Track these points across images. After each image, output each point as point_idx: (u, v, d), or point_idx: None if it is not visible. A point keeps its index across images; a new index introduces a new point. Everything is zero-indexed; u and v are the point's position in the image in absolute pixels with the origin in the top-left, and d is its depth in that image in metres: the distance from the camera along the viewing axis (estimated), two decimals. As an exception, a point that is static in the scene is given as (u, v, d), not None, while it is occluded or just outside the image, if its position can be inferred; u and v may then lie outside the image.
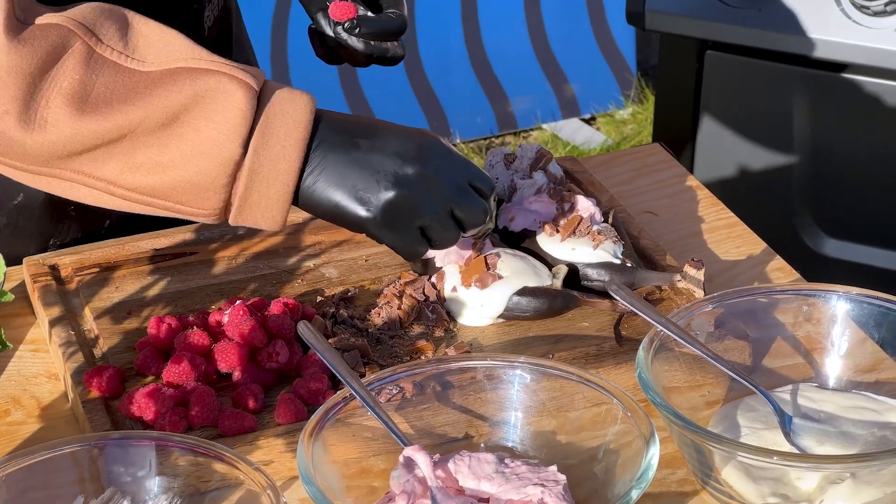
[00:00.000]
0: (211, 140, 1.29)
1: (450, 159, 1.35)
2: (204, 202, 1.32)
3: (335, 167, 1.33)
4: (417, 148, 1.34)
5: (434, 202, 1.34)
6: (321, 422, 1.27)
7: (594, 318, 1.51)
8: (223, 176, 1.30)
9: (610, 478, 1.27)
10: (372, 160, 1.33)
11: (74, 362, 1.44)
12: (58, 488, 1.26)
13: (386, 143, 1.34)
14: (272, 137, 1.30)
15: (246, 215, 1.34)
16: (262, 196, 1.32)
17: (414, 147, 1.34)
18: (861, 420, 1.34)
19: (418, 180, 1.33)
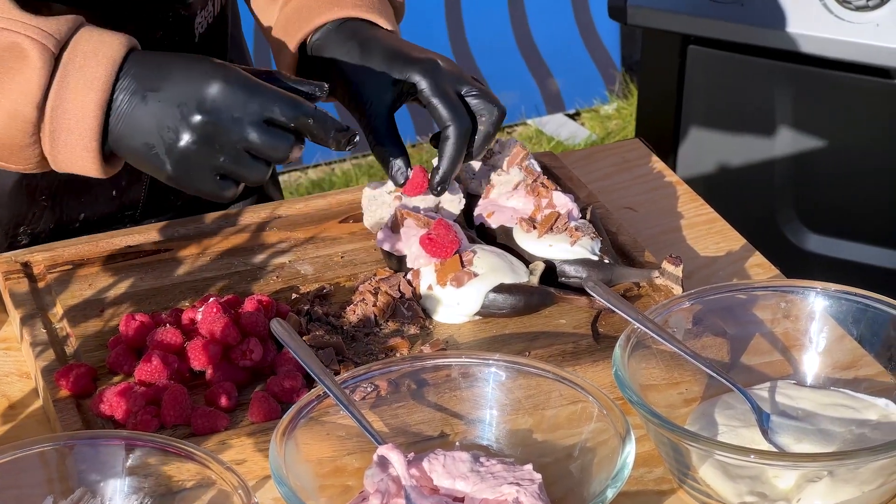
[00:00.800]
0: (10, 102, 1.32)
1: (235, 101, 1.35)
2: (18, 159, 1.37)
3: (130, 120, 1.36)
4: (198, 95, 1.34)
5: (223, 148, 1.35)
6: (294, 421, 1.26)
7: (571, 315, 1.50)
8: (25, 136, 1.34)
9: (586, 476, 1.26)
10: (158, 113, 1.35)
11: (45, 360, 1.43)
12: (27, 488, 1.24)
13: (171, 93, 1.35)
14: (69, 97, 1.33)
15: (63, 167, 1.38)
16: (70, 153, 1.36)
17: (195, 94, 1.34)
18: (839, 417, 1.33)
19: (201, 130, 1.35)
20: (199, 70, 1.36)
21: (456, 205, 1.58)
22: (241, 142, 1.35)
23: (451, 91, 1.51)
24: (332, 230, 1.64)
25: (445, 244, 1.48)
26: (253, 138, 1.35)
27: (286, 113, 1.36)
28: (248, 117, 1.35)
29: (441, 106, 1.50)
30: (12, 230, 1.66)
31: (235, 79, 1.36)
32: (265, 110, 1.36)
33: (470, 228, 1.59)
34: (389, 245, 1.55)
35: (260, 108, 1.35)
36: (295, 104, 1.37)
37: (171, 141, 1.35)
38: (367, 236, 1.63)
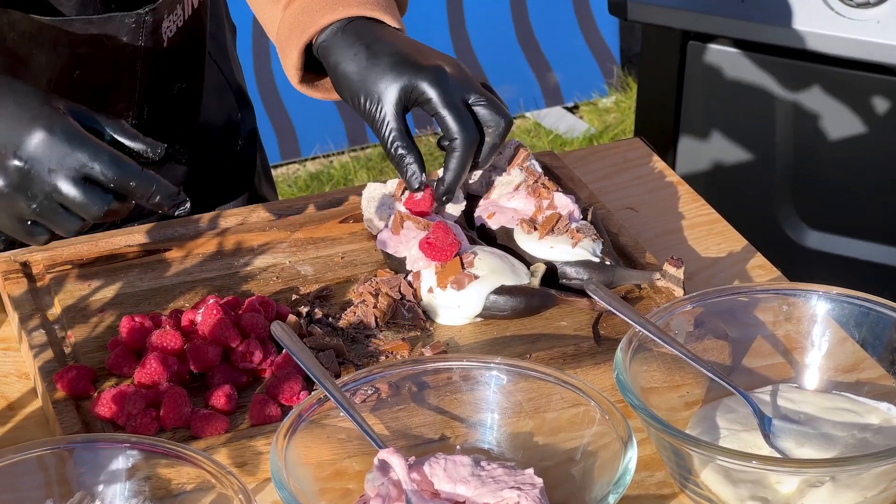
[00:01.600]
0: None
1: (57, 148, 1.33)
2: None
3: None
4: (17, 140, 1.33)
5: (34, 198, 1.33)
6: (294, 424, 1.25)
7: (572, 318, 1.49)
8: None
9: (588, 480, 1.26)
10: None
11: (44, 361, 1.42)
12: (26, 492, 1.24)
13: None
14: None
15: None
16: None
17: (15, 138, 1.33)
18: (841, 422, 1.32)
19: (14, 175, 1.33)
20: (28, 114, 1.33)
21: (457, 206, 1.58)
22: (54, 194, 1.33)
23: (458, 101, 1.50)
24: (332, 230, 1.64)
25: (445, 247, 1.48)
26: (66, 193, 1.33)
27: (105, 172, 1.33)
28: (64, 171, 1.33)
29: (449, 118, 1.49)
30: None
31: (61, 129, 1.33)
32: (83, 166, 1.33)
33: (471, 229, 1.58)
34: (389, 247, 1.54)
35: (78, 164, 1.33)
36: (116, 164, 1.34)
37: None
38: (367, 237, 1.62)
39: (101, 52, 1.56)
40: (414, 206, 1.54)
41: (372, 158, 4.01)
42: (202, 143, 1.77)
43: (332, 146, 4.01)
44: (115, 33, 1.55)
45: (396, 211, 1.55)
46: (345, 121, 3.99)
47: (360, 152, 4.06)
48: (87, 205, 1.34)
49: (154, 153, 1.39)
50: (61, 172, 1.33)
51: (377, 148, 4.06)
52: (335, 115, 4.00)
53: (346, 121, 4.00)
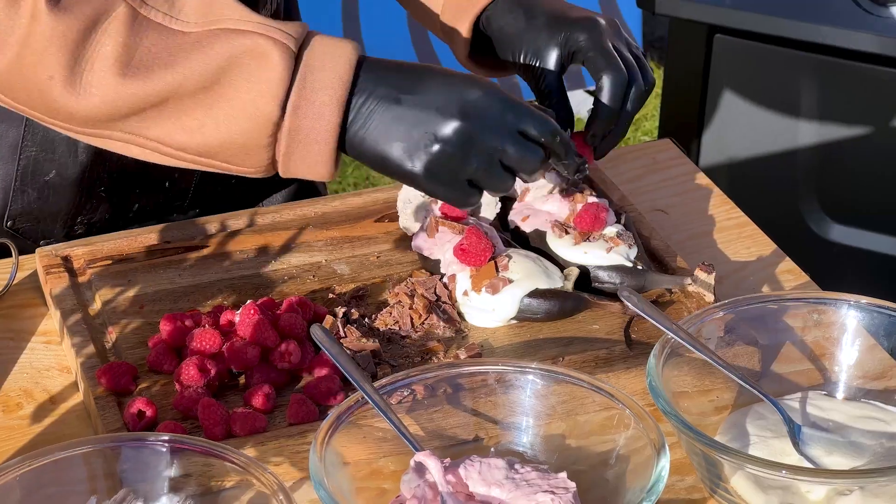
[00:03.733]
0: (250, 102, 1.31)
1: (494, 109, 1.35)
2: (250, 161, 1.35)
3: (379, 123, 1.34)
4: (459, 101, 1.34)
5: (478, 155, 1.35)
6: (333, 426, 1.27)
7: (604, 321, 1.51)
8: (264, 136, 1.33)
9: (620, 485, 1.28)
10: (414, 116, 1.34)
11: (86, 357, 1.45)
12: (71, 487, 1.26)
13: (428, 98, 1.34)
14: (309, 96, 1.32)
15: (293, 170, 1.36)
16: (304, 154, 1.34)
17: (455, 101, 1.34)
18: (870, 430, 1.34)
19: (460, 135, 1.34)
20: (457, 77, 1.36)
21: (491, 209, 1.60)
22: (497, 151, 1.35)
23: (608, 45, 1.51)
24: (367, 229, 1.66)
25: (478, 253, 1.50)
26: (509, 148, 1.35)
27: (538, 128, 1.37)
28: (505, 127, 1.35)
29: (598, 57, 1.50)
30: (70, 220, 1.69)
31: (492, 88, 1.36)
32: (521, 122, 1.36)
33: (504, 232, 1.60)
34: (424, 249, 1.56)
35: (516, 120, 1.36)
36: (547, 121, 1.38)
37: (427, 144, 1.34)
38: (403, 236, 1.64)
39: None
40: (449, 211, 1.57)
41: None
42: None
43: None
44: None
45: (432, 216, 1.57)
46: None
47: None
48: (526, 159, 1.36)
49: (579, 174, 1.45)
50: (502, 129, 1.35)
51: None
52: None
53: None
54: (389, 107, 1.34)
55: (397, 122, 1.34)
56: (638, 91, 1.52)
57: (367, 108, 1.35)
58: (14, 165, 1.63)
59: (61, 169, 1.63)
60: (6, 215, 1.67)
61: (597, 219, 1.54)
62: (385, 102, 1.34)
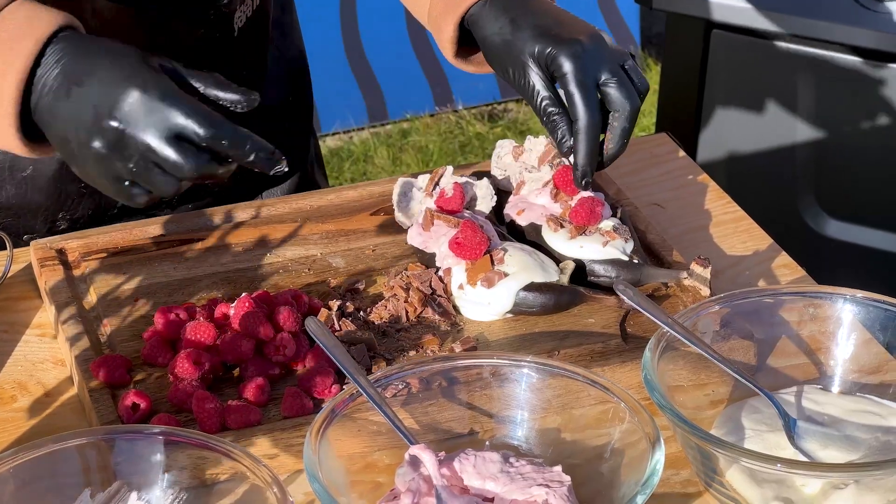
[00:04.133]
0: None
1: (150, 108, 1.30)
2: None
3: (52, 111, 1.33)
4: (113, 100, 1.30)
5: (131, 157, 1.31)
6: (328, 419, 1.27)
7: (600, 315, 1.51)
8: None
9: (615, 478, 1.28)
10: (75, 110, 1.32)
11: (80, 350, 1.45)
12: (65, 479, 1.26)
13: (91, 92, 1.31)
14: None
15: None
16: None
17: (111, 98, 1.31)
18: (865, 424, 1.34)
19: (110, 135, 1.31)
20: (122, 72, 1.32)
21: (487, 202, 1.60)
22: (149, 153, 1.31)
23: (589, 81, 1.49)
24: (363, 223, 1.66)
25: (473, 246, 1.50)
26: (159, 152, 1.30)
27: (197, 131, 1.30)
28: (157, 130, 1.30)
29: (576, 97, 1.49)
30: (52, 216, 1.68)
31: (154, 88, 1.31)
32: (176, 125, 1.30)
33: (500, 225, 1.60)
34: (420, 242, 1.56)
35: (171, 123, 1.30)
36: (209, 122, 1.31)
37: (83, 141, 1.31)
38: (398, 229, 1.64)
39: (175, 43, 1.59)
40: (444, 205, 1.56)
41: (392, 135, 4.02)
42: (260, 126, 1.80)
43: (352, 122, 4.02)
44: (191, 24, 1.59)
45: (427, 209, 1.57)
46: (365, 97, 4.01)
47: (381, 129, 4.07)
48: (179, 164, 1.31)
49: (249, 103, 1.36)
50: (154, 132, 1.30)
51: (397, 125, 4.07)
52: (356, 92, 4.01)
53: (367, 97, 4.01)
54: (62, 96, 1.32)
55: (65, 113, 1.32)
56: (619, 127, 1.50)
57: (46, 92, 1.33)
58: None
59: (38, 164, 1.62)
60: None
61: (592, 213, 1.54)
62: (60, 91, 1.32)
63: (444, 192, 1.57)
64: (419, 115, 4.07)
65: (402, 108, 4.08)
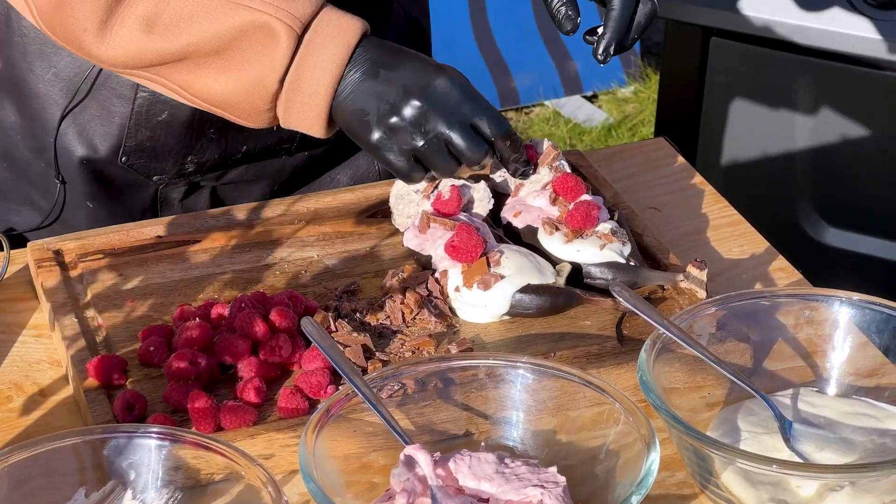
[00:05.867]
0: (255, 74, 1.47)
1: (453, 97, 1.48)
2: (253, 119, 1.52)
3: (355, 90, 1.49)
4: (423, 83, 1.48)
5: (427, 134, 1.47)
6: (323, 419, 1.27)
7: (596, 317, 1.51)
8: (265, 104, 1.50)
9: (610, 479, 1.28)
10: (383, 89, 1.48)
11: (76, 350, 1.45)
12: (59, 479, 1.26)
13: (401, 74, 1.48)
14: (306, 75, 1.47)
15: (292, 126, 1.52)
16: (299, 119, 1.51)
17: (420, 82, 1.48)
18: (861, 427, 1.34)
19: (415, 112, 1.47)
20: (432, 64, 1.50)
21: (484, 205, 1.60)
22: (444, 135, 1.47)
23: None
24: (360, 225, 1.66)
25: (469, 249, 1.50)
26: (455, 135, 1.47)
27: (491, 125, 1.49)
28: (457, 116, 1.48)
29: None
30: (181, 159, 1.74)
31: (458, 81, 1.49)
32: (475, 115, 1.49)
33: (497, 227, 1.60)
34: (416, 244, 1.56)
35: (471, 112, 1.48)
36: (501, 121, 1.50)
37: (385, 113, 1.47)
38: (395, 232, 1.64)
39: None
40: (441, 207, 1.56)
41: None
42: None
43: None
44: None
45: (423, 211, 1.57)
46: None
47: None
48: (469, 149, 1.48)
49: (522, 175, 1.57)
50: (455, 117, 1.48)
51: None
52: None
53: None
54: (369, 77, 1.48)
55: (370, 90, 1.48)
56: (647, 11, 1.58)
57: (352, 78, 1.49)
58: (130, 105, 1.69)
59: (173, 110, 1.69)
60: (121, 151, 1.72)
61: (588, 216, 1.54)
62: (367, 74, 1.48)
63: (441, 195, 1.57)
64: (419, 124, 4.07)
65: (402, 116, 4.08)
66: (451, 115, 1.48)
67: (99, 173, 1.74)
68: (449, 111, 1.48)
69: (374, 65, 1.48)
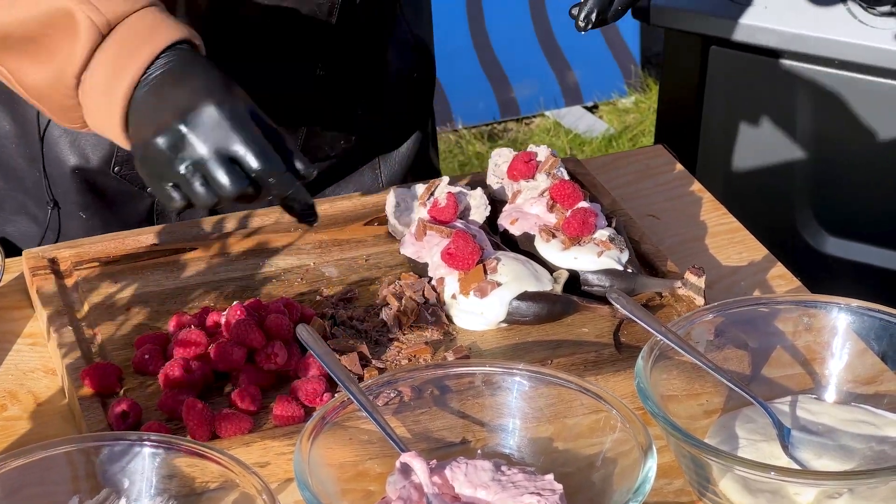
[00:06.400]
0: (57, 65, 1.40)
1: (220, 125, 1.36)
2: (63, 116, 1.44)
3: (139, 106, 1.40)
4: (191, 105, 1.37)
5: (183, 161, 1.36)
6: (318, 426, 1.27)
7: (594, 324, 1.51)
8: (67, 99, 1.41)
9: (607, 487, 1.27)
10: (159, 106, 1.39)
11: (72, 358, 1.44)
12: (53, 487, 1.25)
13: (177, 93, 1.39)
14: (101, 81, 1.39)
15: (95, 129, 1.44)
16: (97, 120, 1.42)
17: (189, 104, 1.37)
18: (859, 434, 1.33)
19: (174, 135, 1.37)
20: (208, 86, 1.38)
21: (481, 212, 1.59)
22: (200, 163, 1.36)
23: None
24: (357, 232, 1.65)
25: (465, 256, 1.50)
26: (210, 166, 1.36)
27: (252, 161, 1.36)
28: (215, 145, 1.36)
29: None
30: None
31: (230, 109, 1.37)
32: (235, 149, 1.36)
33: (494, 235, 1.60)
34: (413, 252, 1.56)
35: (231, 144, 1.36)
36: (266, 159, 1.36)
37: (151, 133, 1.37)
38: (392, 239, 1.64)
39: (304, 6, 1.63)
40: (437, 214, 1.56)
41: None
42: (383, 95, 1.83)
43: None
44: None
45: (419, 219, 1.56)
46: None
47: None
48: (224, 184, 1.36)
49: (306, 173, 1.41)
50: (214, 147, 1.36)
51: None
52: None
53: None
54: (155, 94, 1.39)
55: (151, 107, 1.39)
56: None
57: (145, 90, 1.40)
58: None
59: None
60: (113, 161, 1.71)
61: (585, 223, 1.53)
62: (155, 89, 1.40)
63: (438, 202, 1.56)
64: (419, 134, 4.08)
65: (402, 126, 4.08)
66: (207, 144, 1.36)
67: (92, 184, 1.73)
68: (208, 139, 1.36)
69: (165, 77, 1.39)
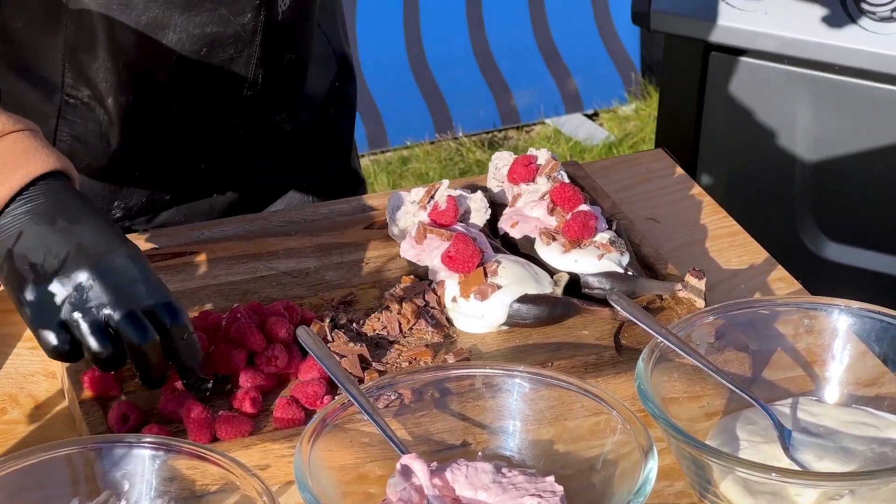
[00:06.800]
0: None
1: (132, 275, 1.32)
2: None
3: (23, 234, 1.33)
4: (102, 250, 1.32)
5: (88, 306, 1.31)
6: (318, 428, 1.27)
7: (594, 327, 1.50)
8: None
9: (608, 489, 1.27)
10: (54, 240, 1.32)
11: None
12: (53, 490, 1.25)
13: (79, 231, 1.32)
14: None
15: None
16: None
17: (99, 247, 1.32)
18: (861, 436, 1.33)
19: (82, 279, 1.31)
20: (118, 233, 1.35)
21: (481, 215, 1.59)
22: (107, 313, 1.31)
23: None
24: (357, 236, 1.65)
25: (465, 259, 1.50)
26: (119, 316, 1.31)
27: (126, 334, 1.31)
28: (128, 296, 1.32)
29: None
30: (107, 205, 1.73)
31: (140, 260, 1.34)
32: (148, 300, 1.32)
33: (494, 238, 1.59)
34: (413, 255, 1.56)
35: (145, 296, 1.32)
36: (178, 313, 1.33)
37: (50, 270, 1.32)
38: (392, 243, 1.64)
39: (226, 30, 1.63)
40: (437, 217, 1.56)
41: (392, 162, 4.03)
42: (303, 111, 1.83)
43: (357, 146, 4.02)
44: (240, 12, 1.62)
45: (420, 222, 1.56)
46: (365, 124, 4.01)
47: (380, 156, 4.07)
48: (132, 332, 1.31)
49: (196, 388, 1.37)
50: (124, 297, 1.32)
51: (397, 152, 4.08)
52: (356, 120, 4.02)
53: (367, 124, 4.01)
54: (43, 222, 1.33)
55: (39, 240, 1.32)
56: None
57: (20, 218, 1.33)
58: None
59: (92, 160, 1.67)
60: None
61: (585, 226, 1.53)
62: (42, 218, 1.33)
63: (438, 206, 1.56)
64: (419, 142, 4.08)
65: (402, 134, 4.08)
66: (120, 294, 1.31)
67: None
68: (120, 289, 1.31)
69: (54, 209, 1.33)
